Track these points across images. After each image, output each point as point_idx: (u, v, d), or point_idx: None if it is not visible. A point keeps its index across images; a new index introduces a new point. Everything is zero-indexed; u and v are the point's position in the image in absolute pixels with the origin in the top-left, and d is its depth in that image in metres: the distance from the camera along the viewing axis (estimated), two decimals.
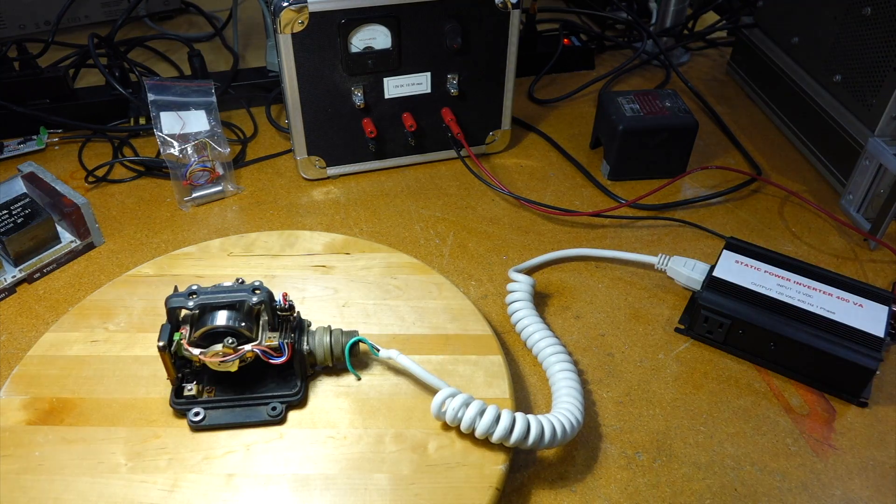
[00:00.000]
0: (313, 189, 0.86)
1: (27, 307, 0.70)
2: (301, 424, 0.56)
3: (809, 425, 0.61)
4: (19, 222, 0.71)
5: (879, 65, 0.78)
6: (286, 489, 0.52)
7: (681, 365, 0.66)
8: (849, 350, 0.61)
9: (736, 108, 1.02)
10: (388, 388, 0.58)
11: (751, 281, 0.66)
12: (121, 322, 0.63)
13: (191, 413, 0.55)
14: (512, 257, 0.76)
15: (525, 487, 0.56)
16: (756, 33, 1.02)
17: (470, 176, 0.87)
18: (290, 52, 0.75)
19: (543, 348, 0.63)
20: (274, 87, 0.98)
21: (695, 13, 1.15)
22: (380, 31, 0.77)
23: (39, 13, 1.10)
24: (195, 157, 0.80)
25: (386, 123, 0.84)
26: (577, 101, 1.03)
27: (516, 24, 0.81)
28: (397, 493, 0.51)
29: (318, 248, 0.71)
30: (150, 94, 0.83)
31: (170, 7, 1.20)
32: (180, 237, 0.78)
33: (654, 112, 0.85)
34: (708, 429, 0.60)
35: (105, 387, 0.58)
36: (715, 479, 0.57)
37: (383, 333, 0.63)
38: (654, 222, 0.82)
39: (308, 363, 0.58)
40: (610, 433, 0.60)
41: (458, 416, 0.53)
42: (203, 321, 0.54)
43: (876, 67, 0.78)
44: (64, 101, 0.92)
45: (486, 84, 0.85)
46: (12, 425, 0.55)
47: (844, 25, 0.83)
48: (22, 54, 0.90)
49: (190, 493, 0.51)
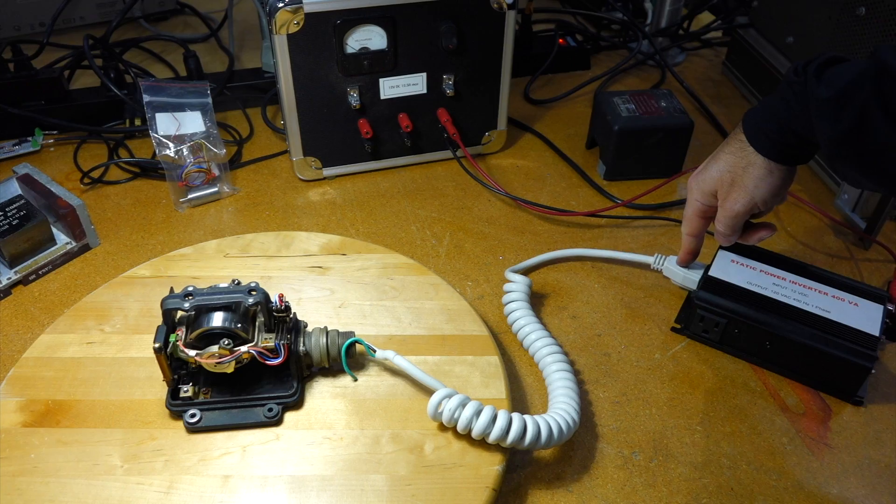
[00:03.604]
0: (309, 190, 0.86)
1: (23, 309, 0.69)
2: (297, 425, 0.56)
3: (805, 424, 0.61)
4: (14, 224, 0.71)
5: None
6: (283, 491, 0.51)
7: (677, 364, 0.66)
8: (844, 349, 0.61)
9: (731, 107, 1.02)
10: (384, 388, 0.58)
11: (746, 280, 0.66)
12: (117, 324, 0.63)
13: (187, 415, 0.55)
14: (508, 258, 0.76)
15: (522, 488, 0.56)
16: (751, 33, 1.02)
17: (466, 176, 0.87)
18: (286, 52, 0.75)
19: (540, 348, 0.63)
20: (270, 87, 0.98)
21: (690, 13, 1.15)
22: (375, 31, 0.77)
23: (34, 14, 1.09)
24: (191, 159, 0.80)
25: (382, 124, 0.84)
26: (572, 101, 1.03)
27: (512, 25, 0.81)
28: (394, 493, 0.51)
29: (315, 249, 0.71)
30: (145, 96, 0.83)
31: (165, 8, 1.20)
32: (176, 238, 0.78)
33: (650, 112, 0.85)
34: (704, 428, 0.60)
35: (101, 388, 0.58)
36: (711, 479, 0.57)
37: (380, 334, 0.63)
38: (650, 222, 0.82)
39: (304, 364, 0.58)
40: (606, 433, 0.60)
41: (455, 416, 0.53)
42: (199, 322, 0.54)
43: None
44: (59, 103, 0.91)
45: (482, 84, 0.85)
46: (8, 427, 0.55)
47: (839, 25, 0.83)
48: (17, 55, 0.90)
49: (186, 495, 0.51)
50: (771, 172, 0.58)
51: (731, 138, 0.61)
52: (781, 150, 0.57)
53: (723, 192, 0.61)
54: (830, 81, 0.52)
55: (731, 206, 0.60)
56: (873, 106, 0.49)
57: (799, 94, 0.55)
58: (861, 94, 0.50)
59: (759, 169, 0.58)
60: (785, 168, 0.58)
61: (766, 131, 0.57)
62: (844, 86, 0.51)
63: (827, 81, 0.52)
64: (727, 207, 0.61)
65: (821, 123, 0.53)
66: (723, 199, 0.61)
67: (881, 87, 0.49)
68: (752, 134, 0.58)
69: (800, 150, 0.57)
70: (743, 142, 0.59)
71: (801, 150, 0.58)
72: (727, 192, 0.60)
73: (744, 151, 0.59)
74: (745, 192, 0.59)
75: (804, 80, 0.54)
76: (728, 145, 0.60)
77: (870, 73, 0.49)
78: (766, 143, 0.57)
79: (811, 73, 0.54)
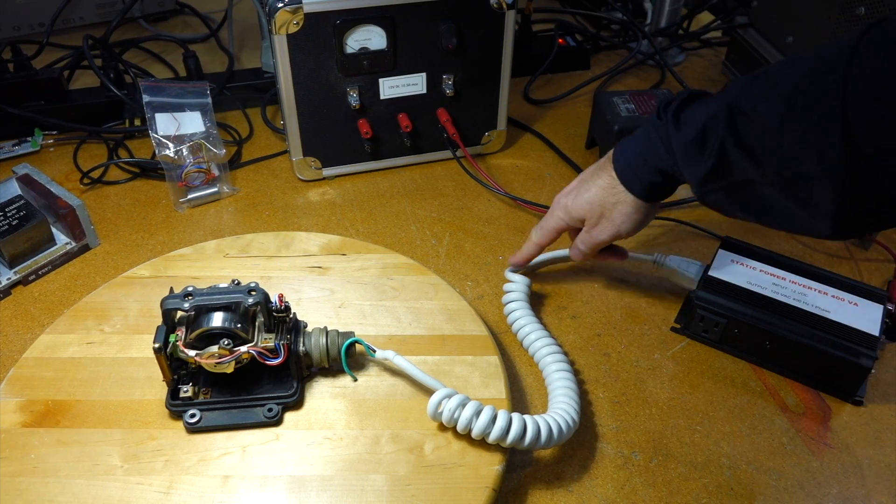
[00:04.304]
0: (309, 190, 0.86)
1: (22, 309, 0.69)
2: (297, 426, 0.56)
3: (805, 424, 0.61)
4: (14, 224, 0.71)
5: None
6: (282, 491, 0.51)
7: (677, 364, 0.66)
8: (844, 349, 0.61)
9: None
10: (384, 389, 0.58)
11: (746, 280, 0.66)
12: (116, 324, 0.63)
13: (187, 415, 0.55)
14: (508, 258, 0.76)
15: (522, 488, 0.56)
16: (751, 33, 1.02)
17: (466, 176, 0.87)
18: (286, 53, 0.75)
19: (540, 348, 0.63)
20: (269, 88, 0.98)
21: (690, 13, 1.15)
22: (375, 31, 0.77)
23: (34, 15, 1.09)
24: (190, 159, 0.80)
25: (381, 124, 0.84)
26: (572, 101, 1.03)
27: (511, 25, 0.81)
28: (394, 493, 0.51)
29: (314, 249, 0.71)
30: (145, 96, 0.83)
31: (165, 8, 1.20)
32: (176, 239, 0.78)
33: (650, 112, 0.85)
34: (704, 428, 0.60)
35: (101, 389, 0.58)
36: (711, 479, 0.57)
37: (380, 334, 0.63)
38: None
39: (304, 364, 0.58)
40: (606, 433, 0.60)
41: (455, 416, 0.53)
42: (199, 323, 0.53)
43: None
44: (59, 103, 0.91)
45: (481, 84, 0.85)
46: (8, 428, 0.55)
47: (838, 25, 0.83)
48: (16, 56, 0.90)
49: (186, 495, 0.51)
50: (638, 210, 0.62)
51: (601, 170, 0.63)
52: (650, 190, 0.60)
53: (591, 221, 0.64)
54: (690, 122, 0.55)
55: (597, 234, 0.64)
56: (730, 142, 0.52)
57: (664, 137, 0.58)
58: (718, 132, 0.53)
59: (628, 207, 0.61)
60: (650, 204, 0.62)
61: (636, 173, 0.60)
62: (702, 125, 0.54)
63: (686, 122, 0.56)
64: (593, 235, 0.64)
65: (688, 164, 0.56)
66: (590, 227, 0.64)
67: (734, 123, 0.52)
68: (624, 176, 0.61)
69: (665, 187, 0.61)
70: (614, 178, 0.61)
71: (666, 187, 0.61)
72: (595, 222, 0.64)
73: (615, 189, 0.61)
74: (613, 226, 0.63)
75: (666, 122, 0.58)
76: (599, 177, 0.63)
77: (723, 110, 0.52)
78: (636, 185, 0.60)
79: (671, 117, 0.57)
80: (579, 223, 0.65)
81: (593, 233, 0.64)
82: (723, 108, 0.52)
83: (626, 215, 0.62)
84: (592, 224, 0.64)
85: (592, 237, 0.64)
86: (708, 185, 0.56)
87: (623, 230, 0.63)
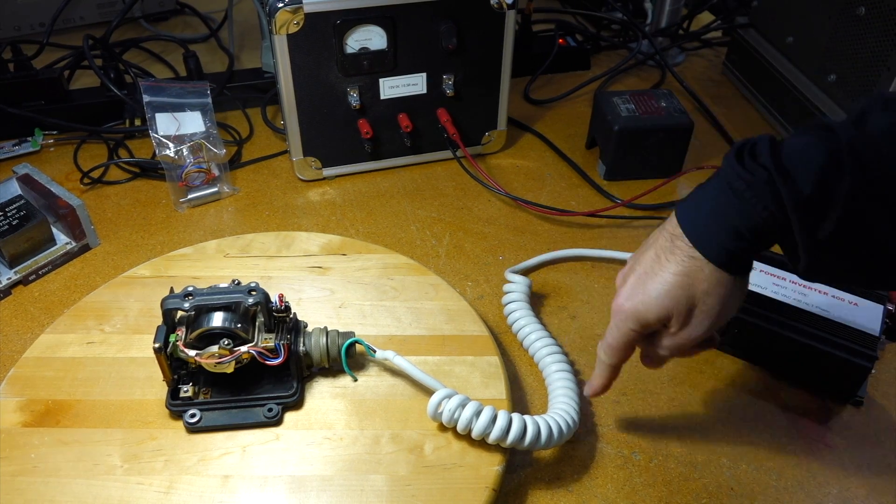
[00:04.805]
0: (309, 190, 0.86)
1: (22, 309, 0.69)
2: (297, 426, 0.56)
3: (805, 424, 0.61)
4: (14, 224, 0.71)
5: (873, 64, 0.78)
6: (282, 491, 0.51)
7: (677, 364, 0.66)
8: (844, 349, 0.61)
9: (731, 107, 1.02)
10: (384, 389, 0.58)
11: None
12: (117, 324, 0.63)
13: (187, 415, 0.55)
14: (508, 258, 0.76)
15: (522, 488, 0.56)
16: (751, 33, 1.02)
17: (466, 176, 0.87)
18: (286, 53, 0.75)
19: (540, 349, 0.63)
20: (269, 88, 0.98)
21: (690, 13, 1.15)
22: (375, 31, 0.77)
23: (34, 14, 1.09)
24: (191, 159, 0.80)
25: (382, 124, 0.84)
26: (572, 101, 1.03)
27: (512, 25, 0.81)
28: (394, 494, 0.51)
29: (315, 249, 0.71)
30: (145, 96, 0.83)
31: (165, 8, 1.19)
32: (176, 238, 0.78)
33: (650, 112, 0.85)
34: (704, 428, 0.60)
35: (101, 388, 0.58)
36: (711, 478, 0.57)
37: (380, 334, 0.63)
38: (650, 222, 0.82)
39: (304, 364, 0.58)
40: (606, 433, 0.60)
41: (455, 416, 0.53)
42: (199, 323, 0.54)
43: (870, 67, 0.79)
44: (59, 103, 0.91)
45: (481, 84, 0.85)
46: (8, 427, 0.55)
47: (839, 25, 0.83)
48: (17, 56, 0.90)
49: (186, 495, 0.51)
50: (734, 289, 0.48)
51: (667, 252, 0.49)
52: (739, 259, 0.47)
53: (680, 318, 0.49)
54: (799, 169, 0.43)
55: (690, 332, 0.49)
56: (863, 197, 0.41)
57: (758, 189, 0.44)
58: (842, 185, 0.42)
59: (722, 287, 0.47)
60: (741, 279, 0.49)
61: (718, 239, 0.46)
62: (819, 174, 0.42)
63: (796, 170, 0.43)
64: (684, 335, 0.49)
65: (803, 222, 0.43)
66: (680, 325, 0.49)
67: (866, 175, 0.41)
68: (704, 244, 0.47)
69: (752, 254, 0.48)
70: (693, 257, 0.47)
71: (753, 254, 0.48)
72: (685, 319, 0.49)
73: (694, 266, 0.47)
74: (710, 317, 0.48)
75: (762, 170, 0.44)
76: (668, 262, 0.48)
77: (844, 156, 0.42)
78: (721, 254, 0.46)
79: (769, 163, 0.44)
80: (660, 326, 0.50)
81: (684, 332, 0.49)
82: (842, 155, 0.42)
83: (725, 298, 0.47)
84: (682, 322, 0.49)
85: (683, 339, 0.49)
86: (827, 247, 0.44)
87: (724, 318, 0.49)
